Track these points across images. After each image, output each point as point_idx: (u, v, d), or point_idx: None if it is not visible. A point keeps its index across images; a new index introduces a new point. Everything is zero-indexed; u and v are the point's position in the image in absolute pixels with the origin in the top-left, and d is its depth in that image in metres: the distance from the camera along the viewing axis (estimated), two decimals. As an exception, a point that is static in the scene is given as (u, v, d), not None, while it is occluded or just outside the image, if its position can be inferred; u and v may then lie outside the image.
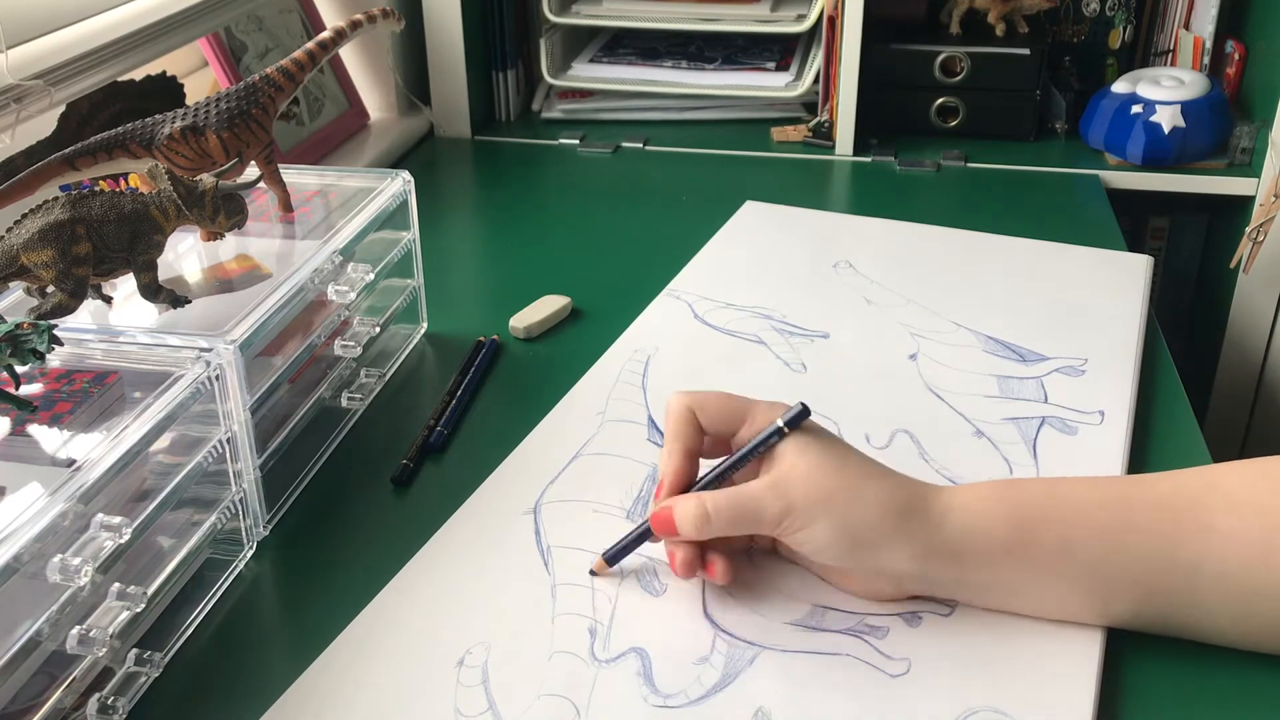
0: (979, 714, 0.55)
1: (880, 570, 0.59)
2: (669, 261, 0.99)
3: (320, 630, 0.61)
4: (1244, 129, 1.22)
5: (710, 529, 0.59)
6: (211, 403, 0.63)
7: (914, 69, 1.30)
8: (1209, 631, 0.59)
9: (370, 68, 1.35)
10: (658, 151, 1.32)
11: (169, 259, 0.76)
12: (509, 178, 1.26)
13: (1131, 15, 1.35)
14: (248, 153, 0.80)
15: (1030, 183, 1.22)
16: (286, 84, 0.81)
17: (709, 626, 0.60)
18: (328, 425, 0.78)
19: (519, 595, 0.63)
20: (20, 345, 0.58)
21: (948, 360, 0.84)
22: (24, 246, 0.65)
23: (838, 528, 0.58)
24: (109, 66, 0.92)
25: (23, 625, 0.51)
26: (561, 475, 0.72)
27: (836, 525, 0.58)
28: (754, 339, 0.87)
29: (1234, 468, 0.60)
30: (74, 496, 0.53)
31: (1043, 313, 0.90)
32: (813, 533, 0.58)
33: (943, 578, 0.59)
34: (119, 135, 0.76)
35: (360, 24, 0.85)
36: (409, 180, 0.86)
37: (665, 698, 0.56)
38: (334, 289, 0.76)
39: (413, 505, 0.72)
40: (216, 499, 0.65)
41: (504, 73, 1.40)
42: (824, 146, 1.30)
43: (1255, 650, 0.58)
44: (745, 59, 1.40)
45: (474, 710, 0.56)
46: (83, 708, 0.56)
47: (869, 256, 1.00)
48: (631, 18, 1.36)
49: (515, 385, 0.85)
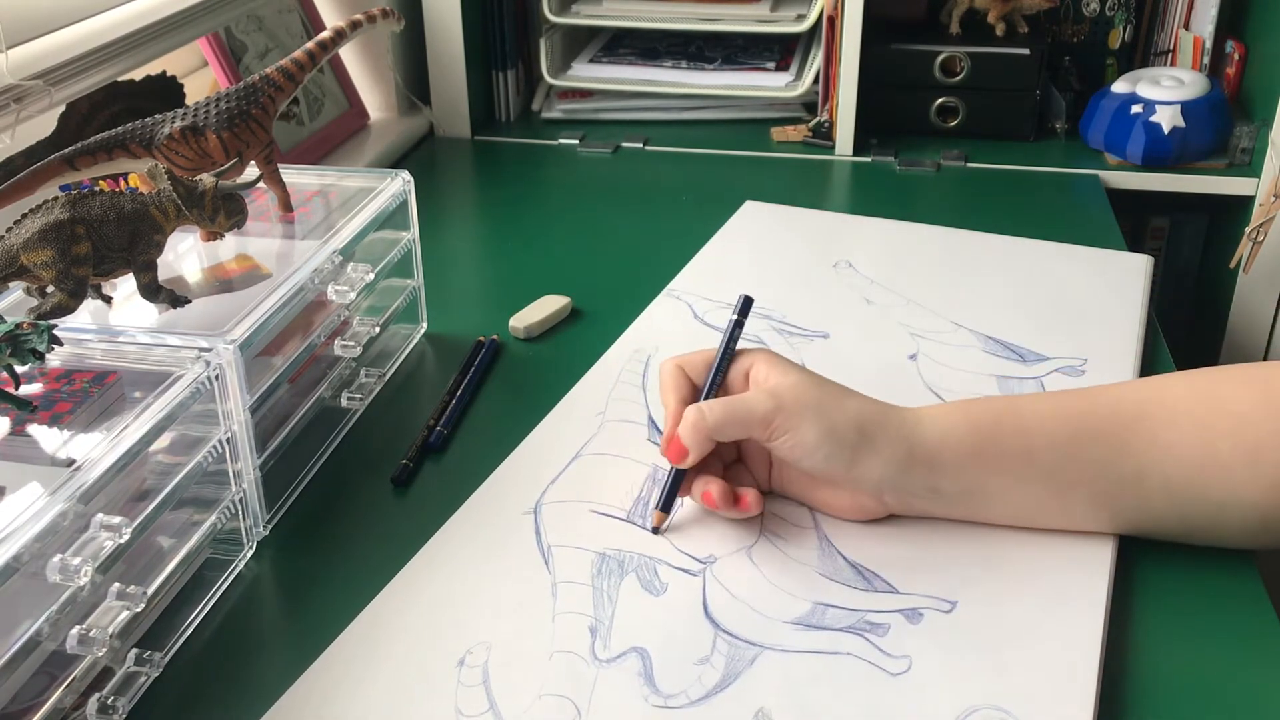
0: (980, 711, 0.55)
1: (860, 478, 0.64)
2: (669, 261, 0.99)
3: (320, 630, 0.61)
4: (1244, 129, 1.22)
5: (706, 426, 0.64)
6: (211, 403, 0.63)
7: (914, 69, 1.30)
8: (1161, 533, 0.65)
9: (370, 68, 1.35)
10: (658, 151, 1.32)
11: (169, 259, 0.76)
12: (509, 178, 1.26)
13: (1131, 15, 1.35)
14: (248, 153, 0.80)
15: (1030, 183, 1.22)
16: (286, 84, 0.81)
17: (710, 626, 0.60)
18: (328, 425, 0.78)
19: (520, 595, 0.63)
20: (20, 345, 0.58)
21: (948, 360, 0.84)
22: (24, 246, 0.65)
23: (824, 429, 0.63)
24: (109, 66, 0.92)
25: (23, 625, 0.51)
26: (562, 475, 0.72)
27: (823, 427, 0.63)
28: (754, 339, 0.87)
29: (1179, 379, 0.66)
30: (74, 496, 0.53)
31: (1043, 313, 0.90)
32: (800, 434, 0.63)
33: (917, 485, 0.64)
34: (119, 135, 0.76)
35: (360, 24, 0.85)
36: (409, 180, 0.86)
37: (666, 697, 0.56)
38: (334, 289, 0.76)
39: (413, 505, 0.72)
40: (216, 499, 0.65)
41: (504, 73, 1.40)
42: (824, 146, 1.30)
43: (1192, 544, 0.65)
44: (745, 59, 1.40)
45: (475, 710, 0.56)
46: (83, 708, 0.56)
47: (869, 256, 1.00)
48: (631, 18, 1.36)
49: (515, 385, 0.85)
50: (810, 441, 0.63)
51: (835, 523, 0.67)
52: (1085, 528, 0.65)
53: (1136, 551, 0.65)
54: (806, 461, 0.64)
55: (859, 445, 0.63)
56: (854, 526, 0.67)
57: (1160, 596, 0.63)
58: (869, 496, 0.65)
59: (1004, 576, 0.63)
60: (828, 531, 0.67)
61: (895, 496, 0.65)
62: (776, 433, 0.63)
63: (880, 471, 0.63)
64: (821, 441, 0.63)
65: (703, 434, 0.64)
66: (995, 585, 0.63)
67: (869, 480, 0.64)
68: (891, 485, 0.64)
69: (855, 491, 0.65)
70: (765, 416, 0.63)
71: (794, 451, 0.64)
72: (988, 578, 0.63)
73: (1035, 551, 0.65)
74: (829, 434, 0.63)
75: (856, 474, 0.64)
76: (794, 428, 0.63)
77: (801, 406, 0.63)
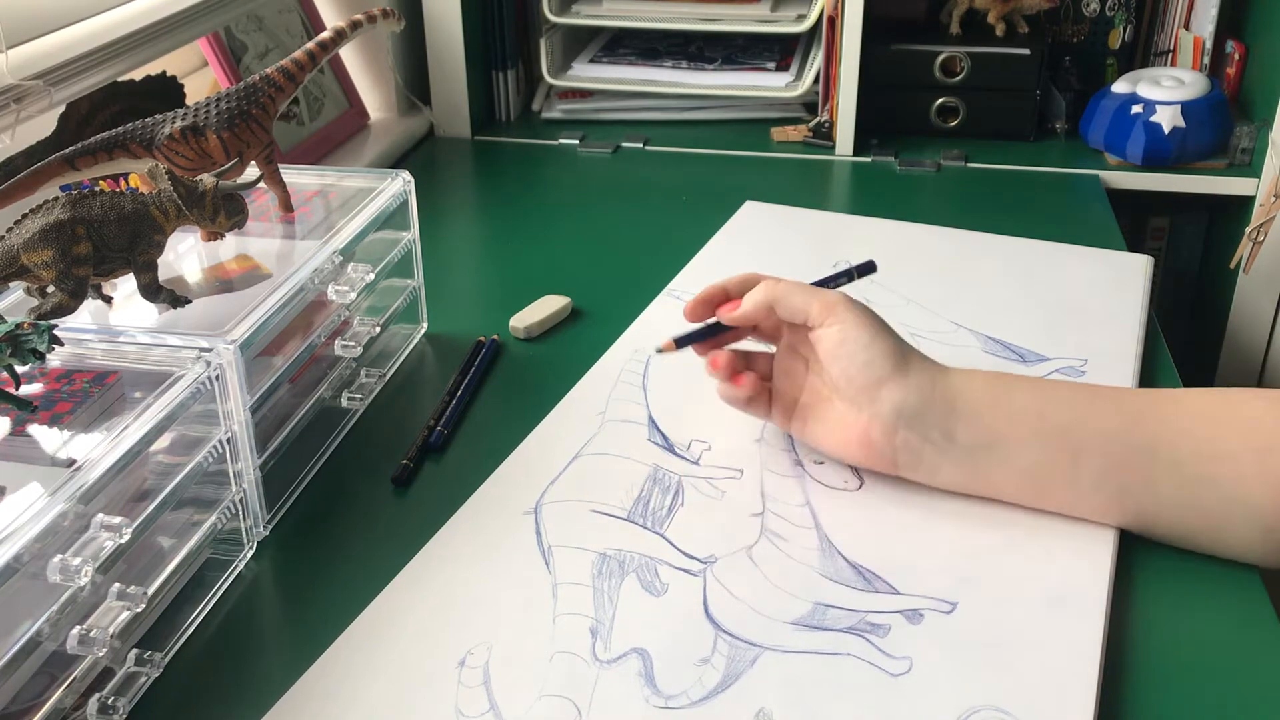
0: (981, 713, 0.55)
1: (884, 399, 0.66)
2: (669, 261, 0.99)
3: (320, 630, 0.61)
4: (1244, 129, 1.22)
5: (774, 289, 0.69)
6: (211, 403, 0.63)
7: (914, 69, 1.30)
8: (1164, 527, 0.65)
9: (370, 68, 1.35)
10: (658, 151, 1.32)
11: (169, 259, 0.76)
12: (509, 178, 1.26)
13: (1131, 15, 1.35)
14: (248, 153, 0.80)
15: (1030, 183, 1.22)
16: (286, 84, 0.81)
17: (710, 626, 0.60)
18: (328, 425, 0.78)
19: (520, 595, 0.63)
20: (20, 345, 0.58)
21: (948, 360, 0.84)
22: (24, 246, 0.65)
23: (874, 332, 0.67)
24: (109, 66, 0.92)
25: (23, 625, 0.51)
26: (562, 476, 0.72)
27: (873, 331, 0.67)
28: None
29: (1190, 390, 0.67)
30: (74, 496, 0.53)
31: (1043, 313, 0.90)
32: (852, 329, 0.66)
33: (934, 423, 0.66)
34: (119, 135, 0.76)
35: (360, 24, 0.85)
36: (409, 180, 0.86)
37: (667, 698, 0.56)
38: (334, 289, 0.76)
39: (413, 505, 0.72)
40: (216, 499, 0.65)
41: (504, 73, 1.40)
42: (824, 146, 1.30)
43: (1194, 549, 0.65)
44: (745, 59, 1.40)
45: (475, 710, 0.56)
46: (83, 708, 0.55)
47: (869, 256, 1.00)
48: (631, 18, 1.36)
49: (515, 385, 0.85)
50: (860, 338, 0.66)
51: (836, 523, 0.67)
52: (1091, 505, 0.65)
53: (1137, 552, 0.65)
54: (847, 361, 0.66)
55: (899, 362, 0.66)
56: (854, 527, 0.67)
57: (1160, 596, 0.63)
58: (881, 429, 0.66)
59: (1004, 576, 0.63)
60: (828, 532, 0.67)
61: (909, 434, 0.66)
62: (832, 320, 0.67)
63: (904, 396, 0.65)
64: (870, 342, 0.66)
65: (767, 296, 0.69)
66: (995, 585, 0.63)
67: (891, 403, 0.66)
68: (910, 417, 0.66)
69: (871, 419, 0.66)
70: (828, 302, 0.67)
71: (842, 346, 0.66)
72: (988, 578, 0.63)
73: (1035, 551, 0.65)
74: (876, 337, 0.66)
75: (884, 393, 0.66)
76: (848, 322, 0.67)
77: (858, 313, 0.67)
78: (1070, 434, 0.64)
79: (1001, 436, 0.65)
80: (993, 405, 0.65)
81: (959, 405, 0.65)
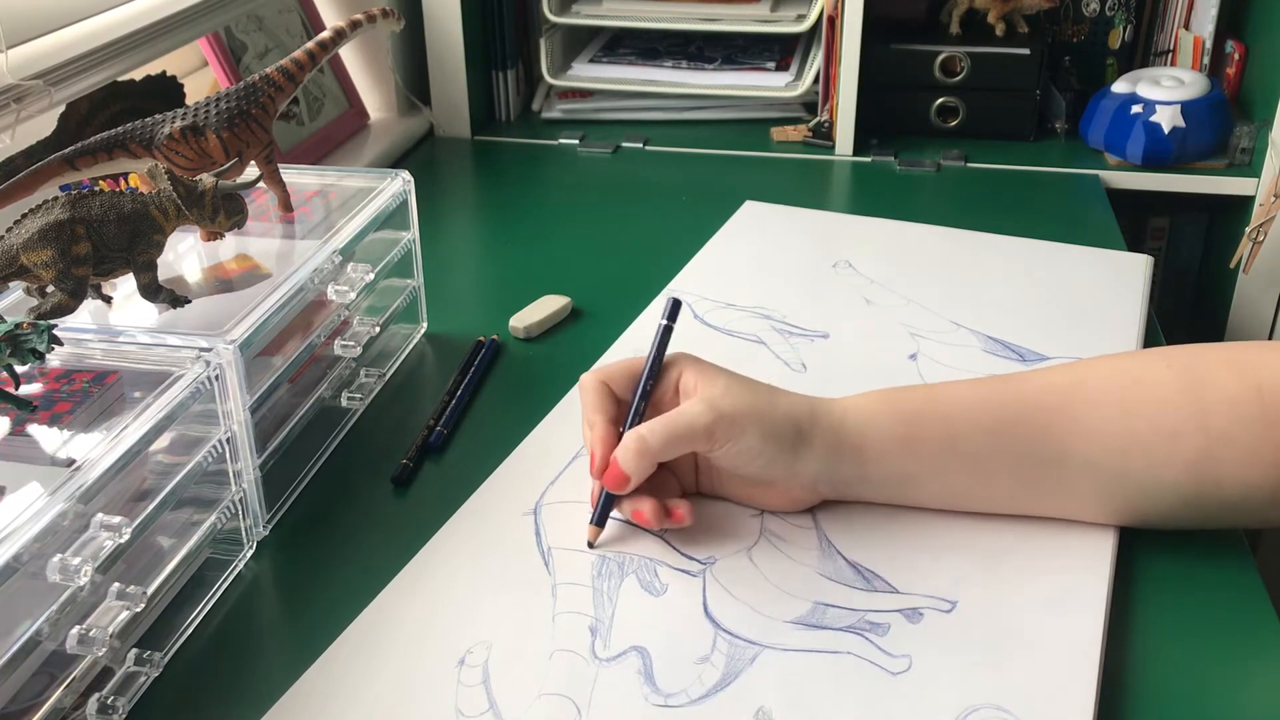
0: (980, 711, 0.55)
1: (797, 474, 0.64)
2: (669, 261, 0.99)
3: (320, 630, 0.61)
4: (1244, 129, 1.22)
5: (650, 452, 0.63)
6: (211, 402, 0.63)
7: (914, 69, 1.30)
8: (1083, 515, 0.65)
9: (370, 68, 1.35)
10: (658, 151, 1.32)
11: (169, 259, 0.76)
12: (509, 178, 1.26)
13: (1131, 15, 1.35)
14: (248, 153, 0.80)
15: (1030, 183, 1.22)
16: (286, 84, 0.81)
17: (710, 625, 0.60)
18: (328, 425, 0.78)
19: (520, 594, 0.63)
20: (20, 345, 0.58)
21: (948, 360, 0.84)
22: (24, 246, 0.65)
23: (764, 433, 0.63)
24: (109, 66, 0.92)
25: (23, 625, 0.51)
26: (562, 476, 0.72)
27: (763, 431, 0.63)
28: (754, 339, 0.87)
29: (1105, 362, 0.66)
30: (74, 496, 0.53)
31: (1043, 313, 0.90)
32: (743, 441, 0.63)
33: (849, 474, 0.65)
34: (119, 135, 0.76)
35: (360, 24, 0.85)
36: (409, 180, 0.86)
37: (666, 697, 0.56)
38: (334, 289, 0.76)
39: (413, 505, 0.72)
40: (216, 499, 0.65)
41: (504, 73, 1.40)
42: (824, 146, 1.30)
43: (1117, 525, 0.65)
44: (745, 59, 1.40)
45: (475, 710, 0.56)
46: (83, 708, 0.55)
47: (869, 256, 1.00)
48: (631, 18, 1.36)
49: (515, 385, 0.85)
50: (754, 448, 0.63)
51: (835, 523, 0.67)
52: (1011, 510, 0.66)
53: (1137, 551, 0.65)
54: (749, 467, 0.64)
55: (797, 444, 0.63)
56: (854, 526, 0.67)
57: (1160, 596, 0.63)
58: (802, 489, 0.66)
59: (1004, 576, 0.63)
60: (828, 531, 0.67)
61: (829, 486, 0.66)
62: (719, 443, 0.63)
63: (815, 467, 0.64)
64: (764, 446, 0.63)
65: (648, 459, 0.63)
66: (995, 585, 0.63)
67: (805, 475, 0.65)
68: (825, 478, 0.65)
69: (789, 486, 0.66)
70: (708, 429, 0.62)
71: (738, 459, 0.64)
72: (988, 578, 0.63)
73: (1035, 551, 0.65)
74: (770, 437, 0.63)
75: (792, 473, 0.64)
76: (736, 436, 0.62)
77: (740, 414, 0.63)
78: (981, 462, 0.64)
79: (913, 471, 0.65)
80: (900, 444, 0.64)
81: (866, 448, 0.64)
